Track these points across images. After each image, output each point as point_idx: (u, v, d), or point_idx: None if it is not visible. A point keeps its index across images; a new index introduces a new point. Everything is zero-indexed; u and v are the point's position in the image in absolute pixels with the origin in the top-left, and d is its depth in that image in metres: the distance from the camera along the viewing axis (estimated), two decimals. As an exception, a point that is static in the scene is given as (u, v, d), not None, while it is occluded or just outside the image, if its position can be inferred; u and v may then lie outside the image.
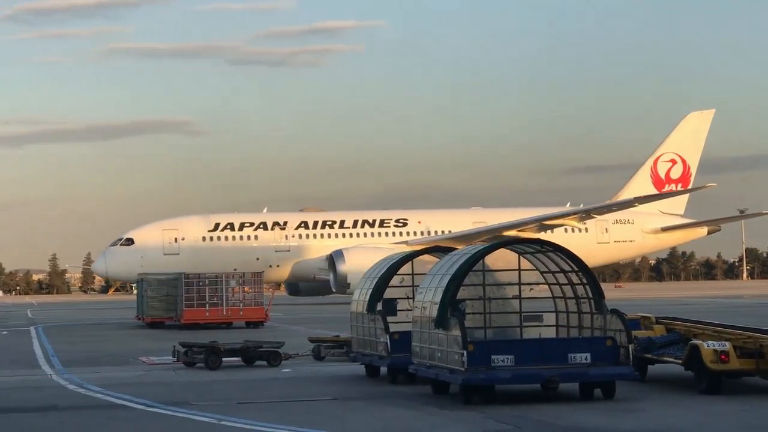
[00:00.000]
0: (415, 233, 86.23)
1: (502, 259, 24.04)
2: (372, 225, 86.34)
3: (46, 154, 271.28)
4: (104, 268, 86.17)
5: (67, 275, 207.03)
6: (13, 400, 24.09)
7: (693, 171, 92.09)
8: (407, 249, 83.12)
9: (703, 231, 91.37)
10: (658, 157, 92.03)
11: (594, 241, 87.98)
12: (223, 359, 30.41)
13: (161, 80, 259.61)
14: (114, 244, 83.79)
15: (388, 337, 25.37)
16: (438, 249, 27.74)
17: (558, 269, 23.61)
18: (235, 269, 69.89)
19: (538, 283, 24.41)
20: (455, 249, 25.15)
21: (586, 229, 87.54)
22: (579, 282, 23.18)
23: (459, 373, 21.17)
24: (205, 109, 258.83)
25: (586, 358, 21.50)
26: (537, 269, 24.16)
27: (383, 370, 26.32)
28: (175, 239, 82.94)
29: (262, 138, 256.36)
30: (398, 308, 26.41)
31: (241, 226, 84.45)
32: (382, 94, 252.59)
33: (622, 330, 21.82)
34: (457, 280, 22.11)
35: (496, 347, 21.55)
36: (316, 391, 24.54)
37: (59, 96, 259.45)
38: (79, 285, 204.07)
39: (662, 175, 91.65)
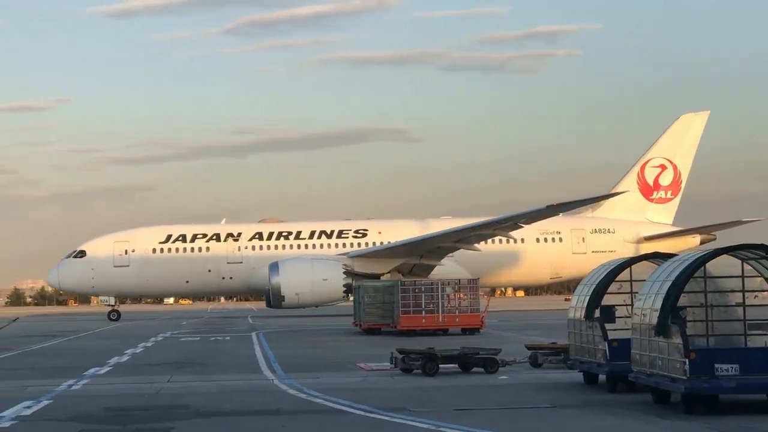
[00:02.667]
0: (374, 244, 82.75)
1: (724, 265, 23.43)
2: (330, 236, 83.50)
3: (268, 163, 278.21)
4: (57, 280, 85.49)
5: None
6: (238, 403, 24.72)
7: (684, 177, 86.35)
8: (346, 259, 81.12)
9: (695, 240, 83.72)
10: (646, 163, 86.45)
11: (569, 252, 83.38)
12: (440, 366, 30.54)
13: (377, 88, 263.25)
14: (68, 256, 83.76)
15: (606, 344, 25.03)
16: (658, 255, 27.22)
17: (784, 276, 22.84)
18: (186, 281, 69.20)
19: (763, 290, 23.67)
20: (676, 255, 24.61)
21: (561, 239, 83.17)
22: (807, 289, 22.36)
23: (681, 382, 20.67)
24: (420, 116, 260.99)
25: (817, 369, 20.68)
26: (762, 276, 23.43)
27: (602, 377, 25.95)
28: (126, 251, 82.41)
29: (477, 144, 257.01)
30: (617, 315, 26.05)
31: (193, 238, 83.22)
32: (601, 98, 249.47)
33: None
34: (678, 287, 21.61)
35: (719, 355, 20.95)
36: (534, 398, 24.36)
37: (279, 106, 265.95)
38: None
39: (650, 181, 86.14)
